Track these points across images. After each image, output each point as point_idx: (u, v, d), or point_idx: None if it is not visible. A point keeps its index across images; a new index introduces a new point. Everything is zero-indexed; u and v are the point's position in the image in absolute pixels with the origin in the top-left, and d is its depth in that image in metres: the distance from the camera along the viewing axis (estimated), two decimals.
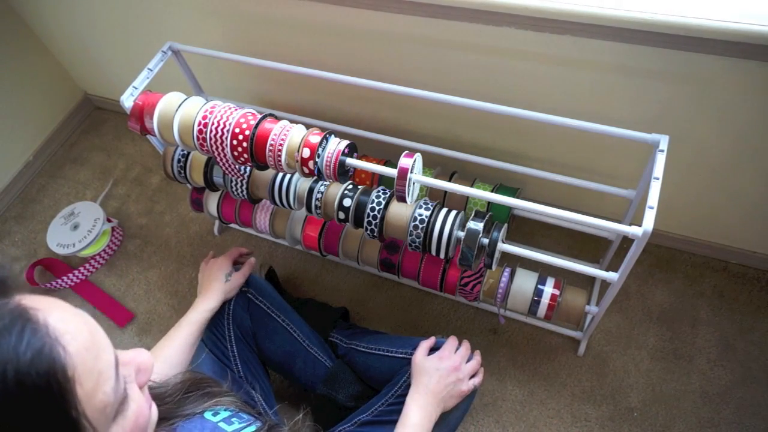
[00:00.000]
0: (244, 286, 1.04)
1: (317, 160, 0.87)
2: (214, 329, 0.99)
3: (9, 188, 1.65)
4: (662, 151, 0.87)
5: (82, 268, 1.45)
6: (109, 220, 1.50)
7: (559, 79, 1.03)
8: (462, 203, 1.15)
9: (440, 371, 0.89)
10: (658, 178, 0.84)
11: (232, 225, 1.37)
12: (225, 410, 0.62)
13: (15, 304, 0.34)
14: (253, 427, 0.59)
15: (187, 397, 0.61)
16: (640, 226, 0.79)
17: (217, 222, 1.50)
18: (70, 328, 0.36)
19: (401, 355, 1.00)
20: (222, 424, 0.59)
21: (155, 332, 1.36)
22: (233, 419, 0.61)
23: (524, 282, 1.07)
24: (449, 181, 1.17)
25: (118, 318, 1.38)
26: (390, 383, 0.97)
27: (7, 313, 0.33)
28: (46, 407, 0.33)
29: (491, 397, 1.20)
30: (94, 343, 0.37)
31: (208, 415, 0.60)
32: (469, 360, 0.94)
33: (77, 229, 1.46)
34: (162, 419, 0.55)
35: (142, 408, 0.41)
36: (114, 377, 0.38)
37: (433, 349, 0.95)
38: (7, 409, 0.32)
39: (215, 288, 1.00)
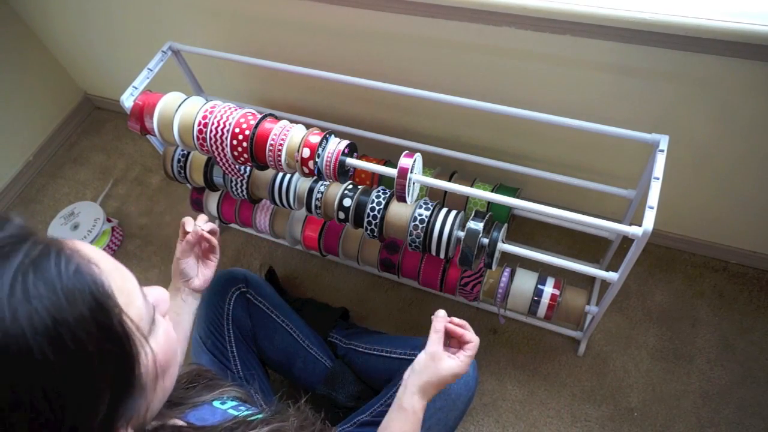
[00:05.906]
0: (243, 287, 1.04)
1: (317, 160, 0.87)
2: (213, 329, 0.99)
3: (9, 188, 1.64)
4: (662, 151, 0.87)
5: None
6: (109, 220, 1.50)
7: (559, 79, 1.03)
8: (462, 203, 1.15)
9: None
10: (658, 178, 0.84)
11: (232, 225, 1.37)
12: (231, 400, 0.64)
13: (43, 239, 0.38)
14: (260, 413, 0.61)
15: (193, 386, 0.63)
16: (640, 226, 0.79)
17: (217, 222, 1.50)
18: (96, 254, 0.40)
19: (401, 356, 1.00)
20: (231, 411, 0.60)
21: None
22: (240, 407, 0.62)
23: (524, 282, 1.07)
24: (449, 181, 1.17)
25: None
26: (390, 384, 0.97)
27: (39, 243, 0.37)
28: (97, 315, 0.36)
29: (491, 397, 1.20)
30: (118, 267, 0.41)
31: (216, 403, 0.62)
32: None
33: (77, 229, 1.46)
34: (171, 404, 0.57)
35: (168, 329, 0.45)
36: (142, 297, 0.42)
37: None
38: (64, 320, 0.34)
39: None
